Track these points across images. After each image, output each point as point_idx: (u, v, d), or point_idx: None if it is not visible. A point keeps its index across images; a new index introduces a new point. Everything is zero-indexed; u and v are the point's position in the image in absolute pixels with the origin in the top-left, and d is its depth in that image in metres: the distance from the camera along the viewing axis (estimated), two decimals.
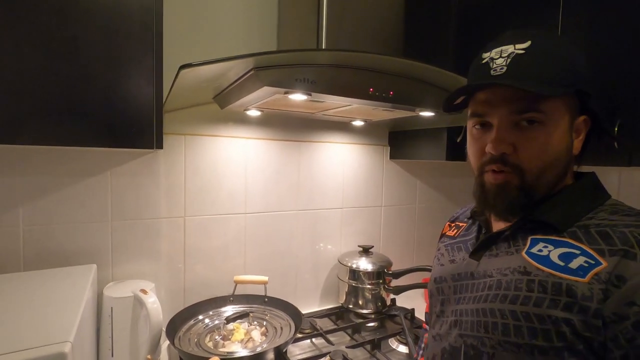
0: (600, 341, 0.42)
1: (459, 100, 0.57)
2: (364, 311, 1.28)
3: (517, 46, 0.50)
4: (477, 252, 0.57)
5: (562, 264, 0.46)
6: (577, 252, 0.46)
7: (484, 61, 0.53)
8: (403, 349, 1.08)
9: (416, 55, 0.82)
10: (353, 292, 1.29)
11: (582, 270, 0.44)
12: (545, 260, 0.48)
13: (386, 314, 1.28)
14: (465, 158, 1.18)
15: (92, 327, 0.85)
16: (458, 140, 1.25)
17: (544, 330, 0.44)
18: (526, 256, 0.50)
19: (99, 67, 0.73)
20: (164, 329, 0.91)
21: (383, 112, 1.04)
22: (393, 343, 1.12)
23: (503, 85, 0.49)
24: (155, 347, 0.89)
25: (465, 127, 1.19)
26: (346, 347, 1.05)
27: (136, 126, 0.78)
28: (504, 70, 0.50)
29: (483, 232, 0.61)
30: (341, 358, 0.97)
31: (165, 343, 1.04)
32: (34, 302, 0.69)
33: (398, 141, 1.48)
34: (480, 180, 0.56)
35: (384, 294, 1.28)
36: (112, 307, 0.89)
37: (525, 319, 0.46)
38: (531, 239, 0.51)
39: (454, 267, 0.60)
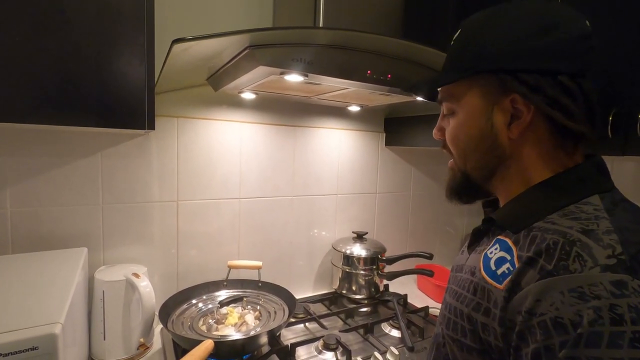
0: (509, 355, 0.40)
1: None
2: (358, 296, 1.28)
3: (454, 37, 0.52)
4: (470, 246, 0.57)
5: (494, 269, 0.45)
6: (508, 257, 0.44)
7: None
8: (395, 333, 1.10)
9: (415, 37, 0.80)
10: (347, 278, 1.29)
11: (502, 277, 0.43)
12: (487, 263, 0.46)
13: (379, 299, 1.29)
14: None
15: (83, 311, 0.84)
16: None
17: (471, 331, 0.45)
18: (482, 257, 0.48)
19: (89, 44, 0.70)
20: (156, 312, 0.90)
21: (380, 97, 1.02)
22: (386, 327, 1.13)
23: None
24: (148, 331, 0.88)
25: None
26: (339, 331, 1.06)
27: (127, 106, 0.75)
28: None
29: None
30: (334, 342, 0.98)
31: (158, 327, 1.04)
32: (24, 285, 0.68)
33: (394, 128, 1.47)
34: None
35: (377, 279, 1.29)
36: (103, 291, 0.88)
37: (460, 317, 0.47)
38: (496, 239, 0.49)
39: (459, 258, 0.61)
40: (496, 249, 0.46)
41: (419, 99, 0.99)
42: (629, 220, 0.40)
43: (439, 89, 0.54)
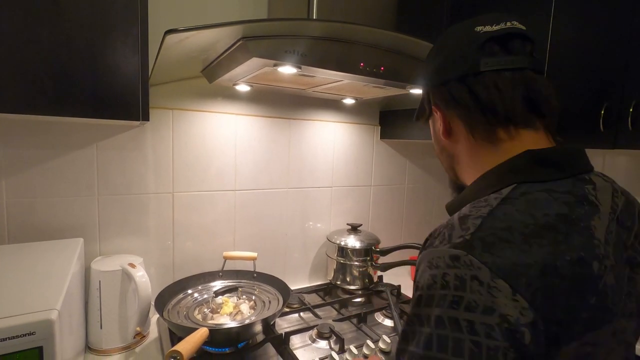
0: None
1: None
2: (352, 287, 1.30)
3: None
4: None
5: None
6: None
7: None
8: (388, 322, 1.12)
9: (408, 30, 0.81)
10: (341, 269, 1.31)
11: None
12: None
13: (373, 290, 1.31)
14: None
15: (80, 299, 0.85)
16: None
17: None
18: None
19: (83, 34, 0.70)
20: (152, 302, 0.92)
21: (374, 89, 1.03)
22: (379, 317, 1.15)
23: None
24: (144, 320, 0.90)
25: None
26: (333, 321, 1.08)
27: (121, 97, 0.75)
28: None
29: None
30: (328, 331, 1.00)
31: (154, 316, 1.05)
32: (20, 274, 0.69)
33: (389, 121, 1.48)
34: None
35: (371, 270, 1.31)
36: (100, 281, 0.90)
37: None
38: None
39: None
40: None
41: (413, 91, 1.00)
42: (517, 208, 0.41)
43: None
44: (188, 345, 0.71)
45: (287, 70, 0.79)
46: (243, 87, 1.07)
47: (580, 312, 0.37)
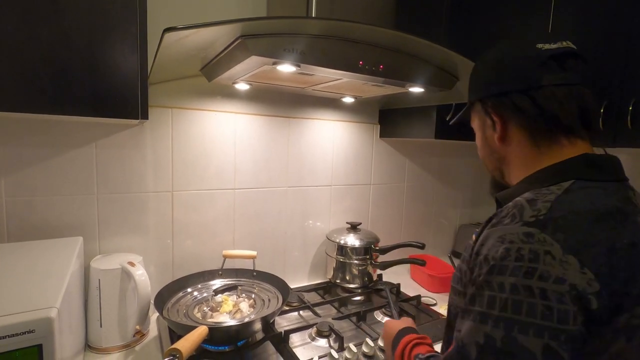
0: None
1: None
2: (351, 286, 1.31)
3: None
4: None
5: (477, 230, 0.58)
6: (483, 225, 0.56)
7: None
8: None
9: (408, 28, 0.81)
10: (341, 268, 1.31)
11: (477, 233, 0.56)
12: (476, 230, 0.59)
13: (372, 288, 1.31)
14: (453, 137, 1.21)
15: (79, 298, 0.85)
16: (448, 119, 1.25)
17: (459, 278, 0.58)
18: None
19: (82, 33, 0.70)
20: (152, 301, 0.92)
21: (373, 88, 1.03)
22: (378, 315, 1.15)
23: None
24: (143, 319, 0.90)
25: (455, 105, 1.23)
26: (332, 319, 1.08)
27: (120, 96, 0.75)
28: None
29: None
30: (327, 329, 1.00)
31: (154, 315, 1.05)
32: (20, 272, 0.69)
33: (388, 119, 1.48)
34: None
35: (370, 269, 1.31)
36: (99, 279, 0.90)
37: (457, 269, 0.60)
38: None
39: None
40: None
41: (412, 90, 1.00)
42: (579, 198, 0.49)
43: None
44: (187, 343, 0.71)
45: (286, 68, 0.79)
46: (242, 86, 1.07)
47: (632, 288, 0.44)
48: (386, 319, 1.13)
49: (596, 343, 0.43)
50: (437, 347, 0.99)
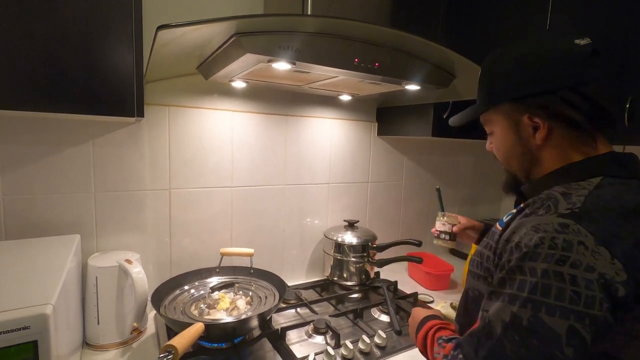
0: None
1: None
2: (349, 283, 1.31)
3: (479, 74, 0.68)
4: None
5: (504, 219, 0.61)
6: (514, 211, 0.60)
7: None
8: (384, 318, 1.12)
9: (404, 26, 0.81)
10: (338, 265, 1.31)
11: (501, 223, 0.60)
12: (502, 220, 0.62)
13: (370, 285, 1.32)
14: (450, 135, 1.21)
15: (76, 295, 0.85)
16: (445, 117, 1.25)
17: (479, 263, 0.62)
18: (503, 219, 0.64)
19: (77, 30, 0.70)
20: (149, 298, 0.92)
21: (370, 86, 1.03)
22: (375, 313, 1.16)
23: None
24: (141, 316, 0.90)
25: (451, 103, 1.23)
26: (329, 316, 1.09)
27: (116, 93, 0.75)
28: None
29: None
30: (324, 326, 1.01)
31: (151, 312, 1.06)
32: (16, 269, 0.70)
33: (386, 117, 1.48)
34: None
35: (368, 266, 1.32)
36: (96, 277, 0.90)
37: (477, 255, 0.64)
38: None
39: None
40: (512, 212, 0.62)
41: (408, 87, 1.00)
42: (609, 194, 0.51)
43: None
44: (183, 339, 0.71)
45: (282, 66, 0.79)
46: (239, 84, 1.08)
47: None
48: (383, 316, 1.13)
49: (618, 328, 0.46)
50: None
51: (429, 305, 1.25)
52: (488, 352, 0.49)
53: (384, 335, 0.96)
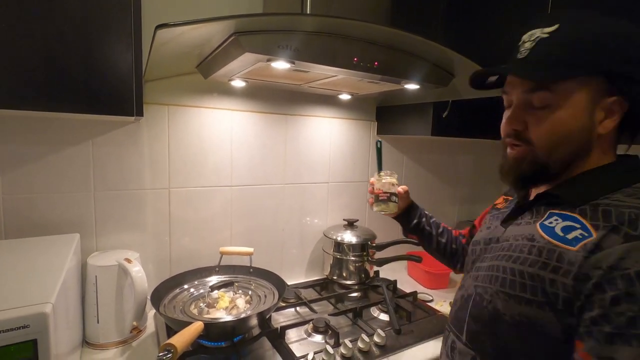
0: (578, 302, 0.47)
1: (492, 79, 0.62)
2: (348, 282, 1.31)
3: (545, 30, 0.54)
4: (507, 221, 0.65)
5: (562, 234, 0.52)
6: (578, 226, 0.51)
7: (519, 43, 0.58)
8: (384, 317, 1.13)
9: (404, 25, 0.81)
10: (337, 264, 1.32)
11: (575, 241, 0.50)
12: (550, 230, 0.53)
13: (369, 284, 1.32)
14: (449, 134, 1.19)
15: (76, 294, 0.85)
16: (444, 116, 1.25)
17: (532, 286, 0.52)
18: (538, 226, 0.56)
19: (76, 29, 0.70)
20: (149, 297, 0.92)
21: (369, 85, 1.03)
22: (375, 312, 1.16)
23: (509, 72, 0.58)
24: (140, 315, 0.90)
25: (450, 102, 1.21)
26: (329, 315, 1.09)
27: (115, 92, 0.76)
28: (525, 54, 0.55)
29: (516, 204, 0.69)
30: (324, 325, 1.01)
31: (151, 311, 1.06)
32: (16, 268, 0.70)
33: (385, 116, 1.48)
34: (503, 153, 0.63)
35: (367, 265, 1.32)
36: (96, 276, 0.90)
37: (520, 275, 0.54)
38: (549, 212, 0.56)
39: (487, 233, 0.69)
40: (556, 220, 0.54)
41: (407, 86, 1.00)
42: None
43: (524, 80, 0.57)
44: (182, 338, 0.72)
45: (281, 65, 0.79)
46: (238, 83, 1.08)
47: None
48: (382, 315, 1.14)
49: None
50: (432, 343, 1.00)
51: (429, 303, 1.25)
52: None
53: (383, 334, 0.96)
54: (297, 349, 0.92)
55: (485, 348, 0.58)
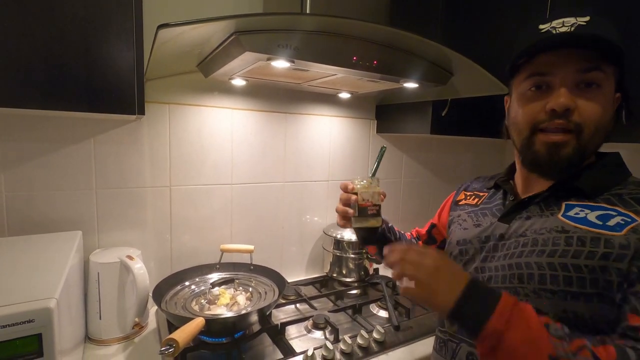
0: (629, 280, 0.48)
1: (520, 61, 0.60)
2: (348, 279, 1.32)
3: (579, 19, 0.55)
4: (507, 216, 0.64)
5: (600, 222, 0.52)
6: (614, 213, 0.52)
7: (543, 30, 0.56)
8: (383, 313, 1.14)
9: (403, 25, 0.81)
10: (337, 262, 1.33)
11: (618, 227, 0.50)
12: (583, 220, 0.53)
13: (369, 282, 1.33)
14: (448, 133, 1.18)
15: (79, 290, 0.86)
16: (443, 114, 1.26)
17: (579, 278, 0.50)
18: (563, 218, 0.55)
19: (77, 28, 0.71)
20: (150, 294, 0.93)
21: (368, 83, 1.04)
22: (374, 308, 1.17)
23: (582, 38, 0.53)
24: (142, 311, 0.91)
25: (449, 100, 1.20)
26: (328, 312, 1.10)
27: (117, 91, 0.76)
28: (576, 30, 0.54)
29: (511, 198, 0.68)
30: (323, 321, 1.02)
31: (153, 308, 1.07)
32: (20, 265, 0.71)
33: (385, 115, 1.49)
34: (529, 142, 0.59)
35: (367, 263, 1.33)
36: (98, 273, 0.91)
37: (562, 268, 0.52)
38: (565, 204, 0.57)
39: (480, 231, 0.67)
40: (581, 210, 0.55)
41: (406, 85, 1.01)
42: None
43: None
44: (184, 334, 0.73)
45: (281, 64, 0.79)
46: (239, 82, 1.08)
47: None
48: (381, 311, 1.15)
49: None
50: (430, 339, 1.01)
51: None
52: None
53: (382, 331, 0.97)
54: (297, 345, 0.93)
55: None
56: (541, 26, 0.57)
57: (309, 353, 0.87)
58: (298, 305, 1.16)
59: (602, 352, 0.44)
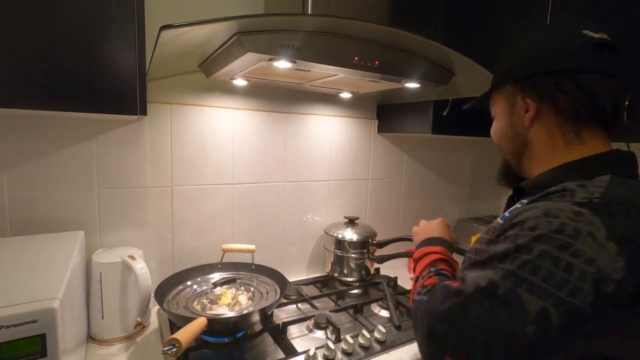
0: None
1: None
2: (349, 279, 1.32)
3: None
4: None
5: (506, 215, 0.59)
6: (519, 206, 0.57)
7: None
8: (384, 313, 1.14)
9: (404, 25, 0.81)
10: (338, 262, 1.33)
11: (503, 217, 0.58)
12: (503, 217, 0.60)
13: (370, 281, 1.33)
14: (449, 133, 1.20)
15: (81, 290, 0.87)
16: (444, 114, 1.26)
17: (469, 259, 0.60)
18: (500, 220, 0.61)
19: (79, 29, 0.71)
20: (152, 293, 0.93)
21: (369, 83, 1.04)
22: (375, 308, 1.17)
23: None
24: (144, 311, 0.92)
25: (451, 100, 1.22)
26: (330, 311, 1.10)
27: (118, 92, 0.76)
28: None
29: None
30: (325, 321, 1.02)
31: (155, 308, 1.07)
32: (23, 265, 0.71)
33: (386, 114, 1.49)
34: None
35: (368, 263, 1.33)
36: (101, 272, 0.91)
37: (472, 252, 0.61)
38: (520, 202, 0.63)
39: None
40: (515, 208, 0.60)
41: (408, 85, 1.01)
42: (624, 191, 0.50)
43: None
44: (186, 333, 0.73)
45: (282, 64, 0.80)
46: (240, 82, 1.08)
47: None
48: (382, 311, 1.15)
49: (614, 329, 0.44)
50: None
51: None
52: (451, 306, 0.50)
53: (384, 330, 0.98)
54: (298, 345, 0.94)
55: None
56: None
57: (311, 353, 0.87)
58: (299, 305, 1.16)
59: (429, 281, 0.61)
